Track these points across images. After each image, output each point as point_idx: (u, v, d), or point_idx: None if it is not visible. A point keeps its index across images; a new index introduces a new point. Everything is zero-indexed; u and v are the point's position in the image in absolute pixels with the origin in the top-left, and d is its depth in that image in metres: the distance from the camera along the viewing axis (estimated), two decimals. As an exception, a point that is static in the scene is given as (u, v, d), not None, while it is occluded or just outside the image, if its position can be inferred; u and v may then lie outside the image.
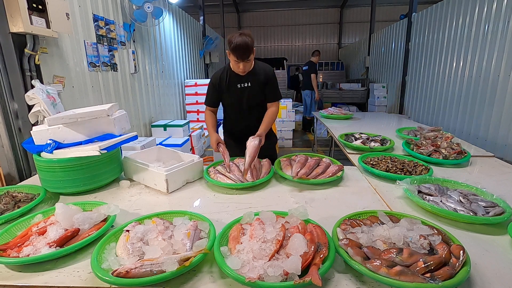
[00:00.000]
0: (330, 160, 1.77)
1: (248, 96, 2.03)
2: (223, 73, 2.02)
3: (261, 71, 2.01)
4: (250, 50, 1.79)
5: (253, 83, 2.00)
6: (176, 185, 1.56)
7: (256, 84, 2.00)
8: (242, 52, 1.77)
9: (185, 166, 1.60)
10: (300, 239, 0.89)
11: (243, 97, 2.03)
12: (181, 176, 1.59)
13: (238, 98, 2.05)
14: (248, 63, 1.87)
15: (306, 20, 13.45)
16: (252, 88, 2.00)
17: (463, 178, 1.49)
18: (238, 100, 2.05)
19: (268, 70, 2.04)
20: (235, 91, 2.01)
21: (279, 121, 5.67)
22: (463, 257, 0.82)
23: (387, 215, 1.09)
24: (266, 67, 2.06)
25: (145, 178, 1.59)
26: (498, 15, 3.57)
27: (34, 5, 1.96)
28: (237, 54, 1.77)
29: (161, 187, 1.52)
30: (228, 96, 2.06)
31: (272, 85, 2.04)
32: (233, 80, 2.00)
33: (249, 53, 1.79)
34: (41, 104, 1.97)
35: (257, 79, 1.99)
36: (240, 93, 2.02)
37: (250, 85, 2.00)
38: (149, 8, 3.57)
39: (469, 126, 4.11)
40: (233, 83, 2.00)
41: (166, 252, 0.93)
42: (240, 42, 1.74)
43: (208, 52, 7.32)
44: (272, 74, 2.04)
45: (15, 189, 1.47)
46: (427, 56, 5.29)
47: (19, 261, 0.91)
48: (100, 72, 3.04)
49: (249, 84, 2.00)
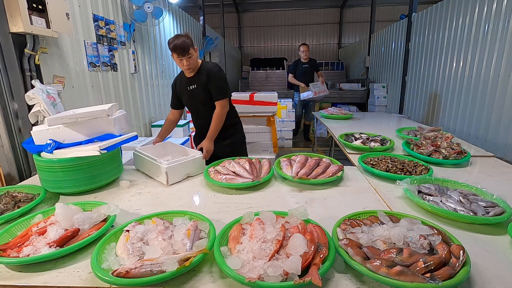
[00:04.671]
0: (330, 160, 1.77)
1: (197, 98, 2.14)
2: (178, 77, 2.21)
3: (204, 71, 2.09)
4: (187, 45, 1.94)
5: (198, 84, 2.10)
6: (176, 178, 1.65)
7: (200, 84, 2.09)
8: (180, 49, 1.93)
9: (186, 161, 1.69)
10: (300, 239, 0.89)
11: (194, 99, 2.16)
12: (182, 170, 1.68)
13: (190, 100, 2.19)
14: (190, 59, 1.99)
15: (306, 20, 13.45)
16: (197, 89, 2.11)
17: (463, 178, 1.49)
18: (191, 101, 2.20)
19: (211, 68, 2.09)
20: (186, 93, 2.16)
21: (279, 121, 5.66)
22: (463, 257, 0.82)
23: (387, 215, 1.09)
24: (210, 65, 2.12)
25: (150, 170, 1.72)
26: (498, 15, 3.57)
27: (34, 5, 1.96)
28: (178, 52, 1.94)
29: (162, 179, 1.63)
30: (183, 99, 2.23)
31: (215, 83, 2.08)
32: (184, 83, 2.16)
33: (187, 49, 1.94)
34: (41, 104, 1.97)
35: (200, 79, 2.08)
36: (191, 95, 2.15)
37: (196, 86, 2.11)
38: (149, 8, 3.57)
39: (469, 126, 4.11)
40: (184, 86, 2.16)
41: (166, 252, 0.93)
42: (177, 41, 1.92)
43: (208, 52, 7.32)
44: (214, 72, 2.07)
45: (15, 189, 1.47)
46: (427, 56, 5.29)
47: (19, 261, 0.91)
48: (100, 72, 3.04)
49: (195, 85, 2.11)
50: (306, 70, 5.73)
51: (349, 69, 11.19)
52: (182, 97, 2.22)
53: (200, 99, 2.13)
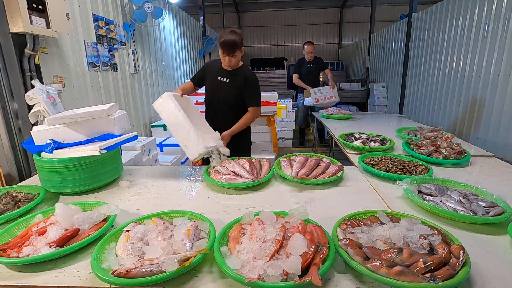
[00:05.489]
0: (330, 160, 1.77)
1: (223, 90, 2.19)
2: (217, 62, 2.23)
3: (242, 73, 2.18)
4: (236, 46, 1.99)
5: (231, 80, 2.18)
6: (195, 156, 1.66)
7: (233, 82, 2.17)
8: (228, 47, 1.98)
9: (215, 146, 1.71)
10: (300, 239, 0.89)
11: (220, 90, 2.21)
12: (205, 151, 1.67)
13: (214, 88, 2.24)
14: (234, 59, 2.06)
15: (306, 20, 13.45)
16: (228, 84, 2.18)
17: (463, 178, 1.49)
18: (215, 90, 2.24)
19: (250, 74, 2.21)
20: (215, 81, 2.21)
21: (279, 121, 5.66)
22: (463, 257, 0.82)
23: (387, 215, 1.09)
24: (249, 72, 2.23)
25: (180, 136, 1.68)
26: (498, 15, 3.57)
27: (34, 5, 1.96)
28: (224, 48, 1.99)
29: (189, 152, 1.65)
30: (208, 83, 2.27)
31: (250, 90, 2.20)
32: (216, 71, 2.21)
33: (234, 49, 2.00)
34: (41, 104, 1.97)
35: (235, 78, 2.17)
36: (218, 85, 2.20)
37: (228, 81, 2.18)
38: (149, 8, 3.57)
39: (469, 126, 4.11)
40: (215, 74, 2.21)
41: (166, 252, 0.93)
42: (228, 39, 1.95)
43: (208, 52, 7.32)
44: (252, 79, 2.20)
45: (15, 189, 1.47)
46: (427, 56, 5.29)
47: (19, 261, 0.91)
48: (100, 72, 3.04)
49: (227, 80, 2.18)
50: (311, 70, 5.23)
51: (349, 69, 11.19)
52: (208, 81, 2.26)
53: (225, 92, 2.19)
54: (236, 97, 2.19)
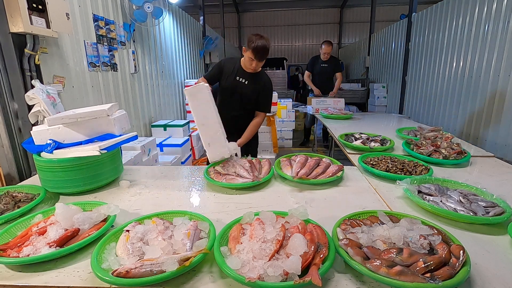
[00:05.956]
0: (330, 160, 1.77)
1: (240, 91, 2.23)
2: (234, 61, 2.28)
3: (262, 79, 2.25)
4: (266, 54, 2.06)
5: (249, 82, 2.23)
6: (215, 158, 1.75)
7: (251, 84, 2.22)
8: (261, 54, 2.04)
9: None
10: (300, 239, 0.89)
11: (236, 89, 2.25)
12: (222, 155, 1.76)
13: (231, 88, 2.26)
14: (260, 64, 2.13)
15: (306, 20, 13.46)
16: (245, 85, 2.23)
17: (463, 178, 1.49)
18: (231, 89, 2.27)
19: (268, 81, 2.30)
20: (232, 80, 2.24)
21: (279, 121, 5.67)
22: (463, 257, 0.82)
23: (387, 215, 1.09)
24: (268, 79, 2.32)
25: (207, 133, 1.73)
26: (498, 15, 3.57)
27: (34, 5, 1.96)
28: (256, 54, 2.03)
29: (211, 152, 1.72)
30: (224, 82, 2.28)
31: (266, 95, 2.27)
32: (235, 71, 2.24)
33: (265, 56, 2.07)
34: (41, 104, 1.97)
35: (254, 81, 2.23)
36: (235, 84, 2.24)
37: (246, 83, 2.24)
38: (149, 8, 3.57)
39: (469, 126, 4.11)
40: (233, 73, 2.24)
41: (166, 252, 0.93)
42: (263, 45, 2.00)
43: (208, 52, 7.32)
44: (269, 86, 2.29)
45: (15, 189, 1.47)
46: (427, 56, 5.29)
47: (19, 261, 0.91)
48: (100, 72, 3.04)
49: (246, 81, 2.22)
50: (324, 70, 4.96)
51: (349, 69, 11.19)
52: (224, 80, 2.27)
53: (242, 93, 2.24)
54: (251, 99, 2.25)
